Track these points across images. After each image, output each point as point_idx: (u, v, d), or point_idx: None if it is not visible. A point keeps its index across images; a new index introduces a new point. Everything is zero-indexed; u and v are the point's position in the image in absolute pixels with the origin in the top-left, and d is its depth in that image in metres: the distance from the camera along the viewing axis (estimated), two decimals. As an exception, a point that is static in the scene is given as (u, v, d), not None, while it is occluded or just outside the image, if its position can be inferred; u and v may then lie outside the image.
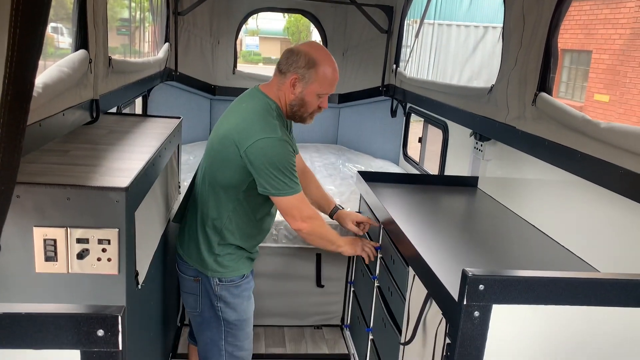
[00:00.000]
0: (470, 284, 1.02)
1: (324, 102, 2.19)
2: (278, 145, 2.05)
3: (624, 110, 11.19)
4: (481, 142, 2.92)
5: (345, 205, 3.33)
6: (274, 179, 2.07)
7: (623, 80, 11.29)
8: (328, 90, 2.16)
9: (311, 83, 2.12)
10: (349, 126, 5.04)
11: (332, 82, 2.16)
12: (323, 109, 2.22)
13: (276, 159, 2.05)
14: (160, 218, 2.23)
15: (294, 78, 2.12)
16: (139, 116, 3.06)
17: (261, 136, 2.05)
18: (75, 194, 1.52)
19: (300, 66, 2.12)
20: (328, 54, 2.18)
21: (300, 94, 2.14)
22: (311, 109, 2.19)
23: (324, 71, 2.12)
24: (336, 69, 2.17)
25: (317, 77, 2.11)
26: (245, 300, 2.32)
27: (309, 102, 2.16)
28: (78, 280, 1.59)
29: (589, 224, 2.03)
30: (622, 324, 1.11)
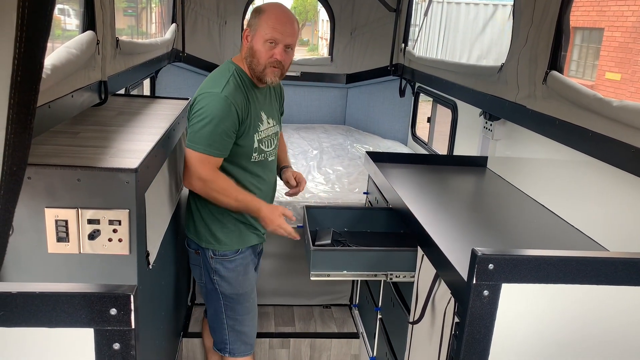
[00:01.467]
0: (479, 263, 1.02)
1: (278, 52, 2.11)
2: (213, 99, 2.04)
3: (635, 89, 11.04)
4: (490, 122, 2.89)
5: (353, 186, 3.34)
6: (194, 128, 2.06)
7: (635, 58, 11.11)
8: (273, 34, 2.09)
9: (257, 30, 2.11)
10: (357, 106, 5.01)
11: (275, 25, 2.09)
12: (277, 60, 2.12)
13: (204, 109, 2.04)
14: (170, 199, 2.24)
15: (246, 31, 2.15)
16: (147, 97, 3.06)
17: (202, 91, 2.09)
18: (85, 175, 1.53)
19: (250, 18, 2.16)
20: (279, 4, 2.17)
21: (250, 44, 2.13)
22: (263, 59, 2.12)
23: (268, 16, 2.10)
24: (284, 15, 2.12)
25: (260, 22, 2.10)
26: (240, 275, 2.32)
27: (258, 50, 2.11)
28: (90, 260, 1.61)
29: (599, 204, 2.02)
30: (633, 303, 1.11)
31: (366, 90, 4.91)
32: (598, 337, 1.14)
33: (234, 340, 2.40)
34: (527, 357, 1.14)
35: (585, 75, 12.69)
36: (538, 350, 1.14)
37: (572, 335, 1.13)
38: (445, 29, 11.26)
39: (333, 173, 3.58)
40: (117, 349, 0.82)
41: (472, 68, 3.16)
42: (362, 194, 3.12)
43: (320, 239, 2.41)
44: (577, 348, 1.15)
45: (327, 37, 5.57)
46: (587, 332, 1.13)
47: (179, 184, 2.47)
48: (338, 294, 3.37)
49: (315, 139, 4.50)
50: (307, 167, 3.70)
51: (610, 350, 1.15)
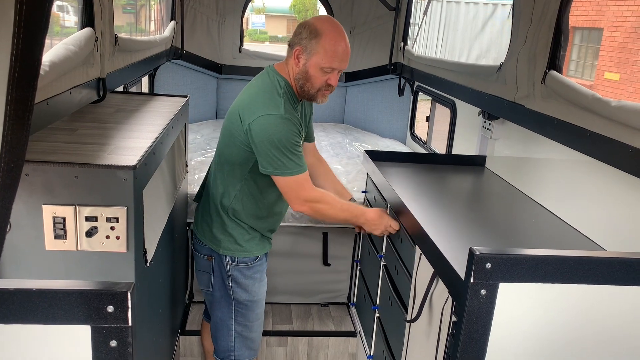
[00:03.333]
0: (477, 262, 1.02)
1: (333, 78, 2.08)
2: (279, 123, 2.01)
3: (634, 89, 11.05)
4: (489, 121, 2.89)
5: (352, 185, 3.33)
6: (273, 157, 2.03)
7: (634, 58, 11.12)
8: (332, 64, 2.05)
9: (314, 55, 2.03)
10: (356, 105, 5.01)
11: (335, 55, 2.03)
12: (332, 86, 2.12)
13: (276, 136, 2.00)
14: (168, 196, 2.24)
15: (298, 50, 2.07)
16: (146, 95, 3.06)
17: (263, 112, 2.02)
18: (83, 172, 1.53)
19: (303, 37, 2.06)
20: (335, 25, 2.08)
21: (304, 67, 2.07)
22: (317, 84, 2.09)
23: (327, 42, 2.02)
24: (343, 41, 2.06)
25: (318, 48, 2.02)
26: (257, 282, 2.32)
27: (313, 76, 2.07)
28: (87, 257, 1.61)
29: (597, 203, 2.02)
30: (630, 303, 1.11)
31: (365, 88, 4.90)
32: (595, 337, 1.14)
33: (239, 347, 2.39)
34: (524, 356, 1.14)
35: (584, 75, 12.70)
36: (535, 349, 1.14)
37: (569, 335, 1.13)
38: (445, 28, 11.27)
39: (331, 171, 3.58)
40: (114, 346, 0.82)
41: (471, 67, 3.16)
42: (361, 193, 3.12)
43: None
44: (574, 347, 1.15)
45: (327, 35, 5.54)
46: (584, 331, 1.13)
47: (176, 182, 2.47)
48: (336, 293, 3.37)
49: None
50: (305, 165, 3.70)
51: (607, 349, 1.15)
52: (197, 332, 2.96)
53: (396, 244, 2.39)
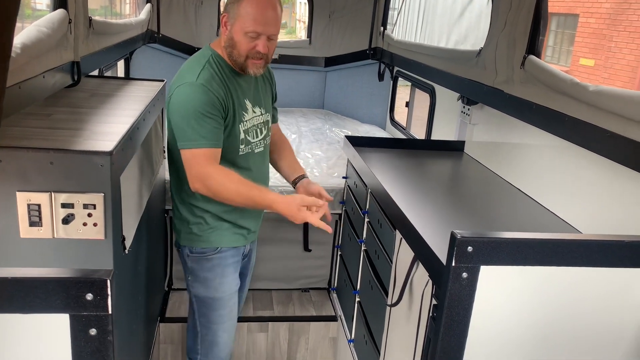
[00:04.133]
0: (458, 245, 1.03)
1: (260, 44, 1.95)
2: (189, 90, 1.92)
3: (608, 75, 11.22)
4: (468, 106, 2.91)
5: (332, 171, 3.33)
6: (177, 126, 1.94)
7: (608, 44, 11.28)
8: (255, 27, 1.92)
9: (237, 19, 1.93)
10: (336, 91, 4.99)
11: (257, 18, 1.91)
12: (262, 53, 1.97)
13: (182, 103, 1.92)
14: (146, 182, 2.21)
15: (225, 16, 1.99)
16: (122, 79, 3.00)
17: (177, 84, 1.96)
18: (58, 158, 1.49)
19: (229, 2, 1.98)
20: None
21: (230, 33, 1.97)
22: (244, 50, 1.96)
23: (249, 5, 1.91)
24: (264, 5, 1.93)
25: (240, 11, 1.92)
26: (218, 276, 2.17)
27: (239, 42, 1.95)
28: (64, 245, 1.58)
29: (574, 188, 2.05)
30: (607, 284, 1.13)
31: (345, 74, 4.88)
32: (573, 318, 1.16)
33: (205, 352, 2.26)
34: (505, 337, 1.15)
35: (560, 61, 12.84)
36: (516, 331, 1.16)
37: (549, 316, 1.15)
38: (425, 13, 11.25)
39: (312, 157, 3.57)
40: (93, 335, 0.81)
41: (451, 52, 3.17)
42: (341, 179, 3.12)
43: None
44: (554, 328, 1.17)
45: (305, 19, 5.51)
46: (563, 312, 1.15)
47: (154, 168, 2.43)
48: (316, 278, 3.38)
49: (293, 123, 4.47)
50: (285, 151, 3.68)
51: (584, 330, 1.17)
52: (177, 319, 2.95)
53: (376, 229, 2.40)
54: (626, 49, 10.85)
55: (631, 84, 10.39)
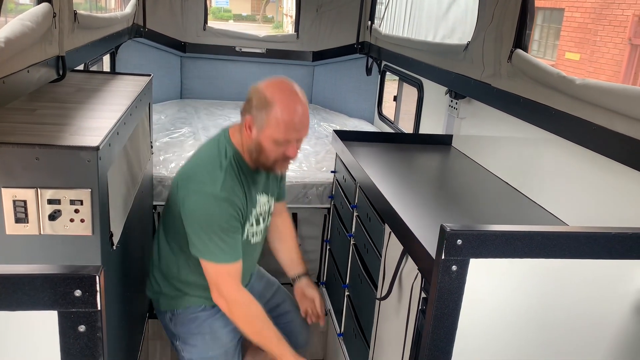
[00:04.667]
0: (448, 238, 1.03)
1: (291, 149, 1.85)
2: (212, 202, 1.82)
3: (593, 69, 11.33)
4: (456, 100, 2.92)
5: (320, 165, 3.33)
6: (200, 237, 1.84)
7: (594, 38, 11.38)
8: (287, 136, 1.81)
9: (265, 127, 1.80)
10: (324, 85, 4.98)
11: (289, 126, 1.79)
12: (291, 157, 1.90)
13: (205, 217, 1.83)
14: (133, 178, 2.19)
15: (249, 120, 1.85)
16: (108, 74, 2.97)
17: (197, 187, 1.85)
18: (44, 153, 1.48)
19: (253, 106, 1.83)
20: (287, 90, 1.85)
21: (256, 139, 1.84)
22: (272, 156, 1.86)
23: (279, 113, 1.78)
24: (298, 108, 1.81)
25: (270, 120, 1.79)
26: (209, 332, 2.05)
27: (267, 149, 1.84)
28: (51, 241, 1.56)
29: (560, 180, 2.07)
30: (594, 276, 1.14)
31: (333, 68, 4.88)
32: (562, 309, 1.17)
33: None
34: (495, 329, 1.16)
35: (546, 55, 12.94)
36: (505, 323, 1.17)
37: (537, 308, 1.16)
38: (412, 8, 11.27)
39: (300, 152, 3.56)
40: (82, 331, 0.80)
41: (438, 46, 3.17)
42: (330, 173, 3.12)
43: None
44: (542, 319, 1.18)
45: (292, 14, 5.47)
46: (551, 303, 1.16)
47: (141, 163, 2.41)
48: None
49: (281, 117, 4.46)
50: (273, 145, 3.67)
51: (572, 320, 1.19)
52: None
53: (365, 223, 2.41)
54: (611, 43, 10.96)
55: (616, 77, 10.50)
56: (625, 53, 10.60)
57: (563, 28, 12.34)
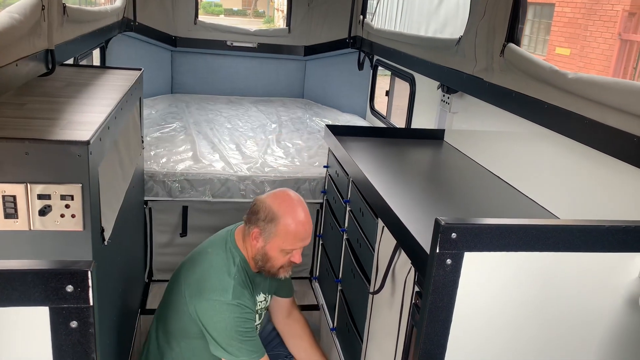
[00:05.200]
0: (442, 232, 1.03)
1: (296, 255, 2.00)
2: (226, 310, 1.91)
3: (584, 64, 11.38)
4: (448, 95, 2.92)
5: (313, 160, 3.32)
6: (222, 343, 1.92)
7: (584, 33, 11.43)
8: (293, 245, 1.96)
9: (273, 238, 1.95)
10: (316, 80, 4.97)
11: (296, 236, 1.95)
12: (297, 263, 2.02)
13: (223, 324, 1.91)
14: (124, 173, 2.17)
15: (255, 232, 1.97)
16: (98, 68, 2.94)
17: (209, 297, 1.92)
18: (34, 148, 1.46)
19: (260, 219, 1.97)
20: (292, 203, 1.99)
21: (263, 249, 1.98)
22: (279, 264, 1.99)
23: (286, 225, 1.93)
24: (303, 219, 1.97)
25: (277, 231, 1.94)
26: None
27: (274, 257, 1.97)
28: (41, 237, 1.54)
29: (552, 174, 2.08)
30: (587, 269, 1.15)
31: (324, 63, 4.87)
32: (555, 302, 1.18)
33: None
34: (489, 322, 1.17)
35: (536, 50, 12.98)
36: (499, 315, 1.17)
37: (531, 301, 1.17)
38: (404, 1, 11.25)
39: (292, 147, 3.56)
40: (74, 327, 0.79)
41: (430, 40, 3.17)
42: (323, 168, 3.11)
43: None
44: (537, 313, 1.18)
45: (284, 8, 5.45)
46: (545, 297, 1.17)
47: (132, 158, 2.39)
48: (298, 267, 3.37)
49: (273, 112, 4.45)
50: (266, 140, 3.66)
51: (566, 313, 1.19)
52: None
53: (358, 218, 2.40)
54: (601, 38, 11.01)
55: (605, 72, 10.56)
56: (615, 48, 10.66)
57: (553, 23, 12.39)
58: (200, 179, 2.98)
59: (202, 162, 3.13)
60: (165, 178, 2.95)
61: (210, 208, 3.05)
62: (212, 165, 3.09)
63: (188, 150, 3.30)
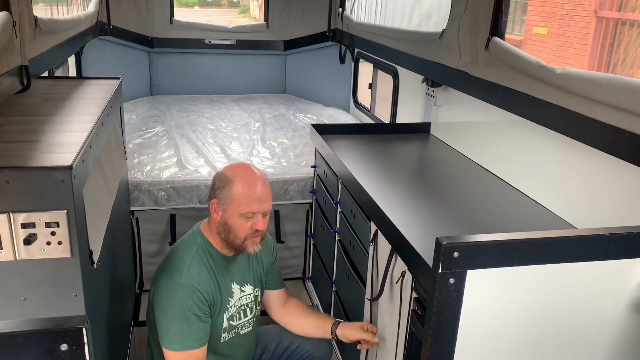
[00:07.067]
0: (444, 252, 1.01)
1: (258, 222, 1.92)
2: (174, 289, 1.86)
3: (561, 43, 11.43)
4: (433, 88, 2.89)
5: (300, 159, 3.28)
6: (161, 325, 1.88)
7: (560, 12, 11.46)
8: (251, 207, 1.89)
9: (229, 204, 1.90)
10: (297, 74, 4.92)
11: (250, 196, 1.89)
12: (260, 231, 1.94)
13: (166, 304, 1.86)
14: (109, 189, 2.11)
15: (214, 202, 1.94)
16: (75, 79, 2.86)
17: (164, 277, 1.90)
18: (15, 176, 1.40)
19: (216, 188, 1.95)
20: (246, 168, 1.98)
21: (223, 219, 1.93)
22: (242, 233, 1.92)
23: (238, 187, 1.89)
24: (257, 181, 1.92)
25: (232, 194, 1.89)
26: None
27: (234, 225, 1.91)
28: (28, 266, 1.49)
29: (541, 167, 2.07)
30: (592, 278, 1.14)
31: (305, 57, 4.81)
32: (560, 312, 1.17)
33: None
34: (494, 338, 1.15)
35: (514, 30, 13.00)
36: (504, 329, 1.15)
37: (536, 313, 1.15)
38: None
39: (278, 146, 3.51)
40: (72, 385, 0.75)
41: (413, 34, 3.13)
42: (310, 168, 3.08)
43: None
44: (542, 324, 1.17)
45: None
46: (549, 308, 1.15)
47: (117, 172, 2.33)
48: (291, 268, 3.35)
49: (256, 110, 4.39)
50: (250, 141, 3.61)
51: (571, 322, 1.18)
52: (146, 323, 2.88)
53: (350, 220, 2.38)
54: (577, 16, 11.05)
55: (583, 50, 10.62)
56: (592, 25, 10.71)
57: (530, 2, 12.40)
58: (186, 186, 2.93)
59: (187, 168, 3.07)
60: (151, 187, 2.89)
61: (198, 214, 3.00)
62: (197, 171, 3.04)
63: (172, 156, 3.24)
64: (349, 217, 2.39)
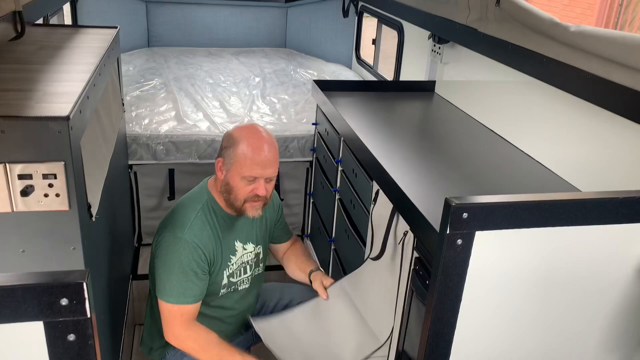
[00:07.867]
0: (454, 212, 0.98)
1: (259, 187, 1.89)
2: (175, 243, 1.87)
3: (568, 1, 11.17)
4: (439, 45, 2.82)
5: (300, 116, 3.23)
6: (159, 277, 1.90)
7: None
8: (252, 172, 1.86)
9: (233, 164, 1.88)
10: (298, 28, 4.79)
11: (254, 161, 1.86)
12: (262, 197, 1.92)
13: (166, 257, 1.88)
14: (107, 142, 2.07)
15: (219, 161, 1.93)
16: (71, 27, 2.77)
17: (167, 230, 1.91)
18: (10, 126, 1.36)
19: (223, 147, 1.93)
20: (255, 131, 1.92)
21: (225, 178, 1.91)
22: (241, 195, 1.90)
23: (242, 149, 1.86)
24: (263, 146, 1.88)
25: (236, 155, 1.87)
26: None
27: (235, 187, 1.89)
28: (25, 219, 1.47)
29: (547, 127, 2.03)
30: (602, 241, 1.12)
31: (307, 9, 4.68)
32: (567, 275, 1.16)
33: None
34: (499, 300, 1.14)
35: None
36: (510, 292, 1.15)
37: (542, 275, 1.14)
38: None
39: (278, 102, 3.45)
40: (72, 340, 0.73)
41: (420, -13, 3.02)
42: (311, 125, 3.03)
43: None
44: (548, 287, 1.16)
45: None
46: (556, 271, 1.14)
47: (114, 124, 2.29)
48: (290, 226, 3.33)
49: (255, 64, 4.30)
50: (250, 96, 3.54)
51: (577, 285, 1.17)
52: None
53: (351, 179, 2.35)
54: (586, -26, 10.76)
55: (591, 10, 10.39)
56: (601, -16, 10.44)
57: (538, -41, 12.05)
58: (185, 141, 2.89)
59: (186, 122, 3.02)
60: (149, 141, 2.85)
61: (197, 170, 2.97)
62: (196, 126, 2.99)
63: (170, 110, 3.18)
64: (350, 176, 2.36)
